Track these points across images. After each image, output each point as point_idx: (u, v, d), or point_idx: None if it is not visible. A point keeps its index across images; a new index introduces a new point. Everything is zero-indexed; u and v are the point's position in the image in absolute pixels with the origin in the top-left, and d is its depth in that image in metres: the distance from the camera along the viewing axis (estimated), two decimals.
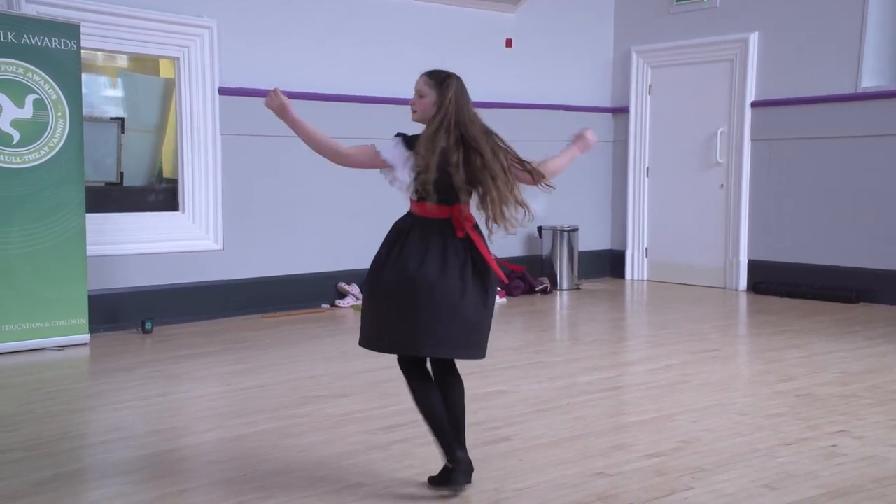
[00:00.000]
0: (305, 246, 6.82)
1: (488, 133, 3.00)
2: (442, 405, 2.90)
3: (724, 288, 7.76)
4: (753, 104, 7.58)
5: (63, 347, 5.34)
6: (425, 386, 2.94)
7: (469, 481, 2.89)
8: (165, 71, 6.90)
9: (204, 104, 6.29)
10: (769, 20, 7.48)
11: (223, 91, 6.36)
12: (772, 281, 7.44)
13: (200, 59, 6.26)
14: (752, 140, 7.61)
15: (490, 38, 7.77)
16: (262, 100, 7.05)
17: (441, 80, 2.93)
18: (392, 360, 3.04)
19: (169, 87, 6.73)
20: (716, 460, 3.22)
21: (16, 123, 5.19)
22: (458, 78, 2.98)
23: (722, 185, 7.81)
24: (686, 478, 3.04)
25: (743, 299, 7.28)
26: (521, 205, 2.96)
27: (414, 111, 2.97)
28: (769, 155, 7.55)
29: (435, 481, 2.93)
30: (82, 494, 2.99)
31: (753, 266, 7.64)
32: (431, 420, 2.89)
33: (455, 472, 2.85)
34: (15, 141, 5.19)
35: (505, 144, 3.04)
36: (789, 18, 7.36)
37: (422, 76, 2.97)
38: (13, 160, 5.19)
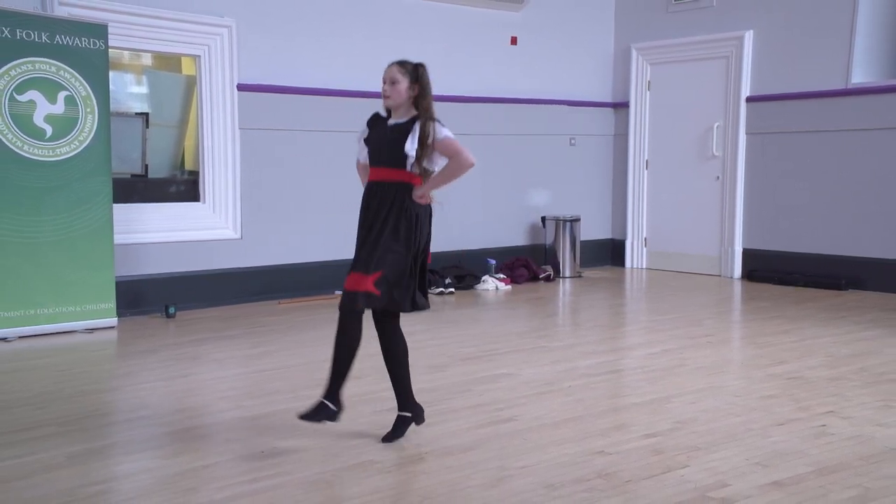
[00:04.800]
0: (319, 235, 6.82)
1: None
2: None
3: (720, 276, 7.73)
4: (748, 99, 7.52)
5: (92, 330, 5.37)
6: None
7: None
8: (187, 68, 6.89)
9: (223, 100, 6.29)
10: (763, 18, 7.41)
11: (242, 87, 6.36)
12: (765, 269, 7.41)
13: (220, 56, 6.25)
14: (747, 133, 7.56)
15: (496, 35, 7.73)
16: (278, 95, 7.07)
17: (414, 68, 3.14)
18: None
19: (191, 84, 6.73)
20: (710, 440, 3.21)
21: (49, 119, 5.21)
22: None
23: (718, 177, 7.77)
24: (682, 456, 3.04)
25: (737, 287, 7.26)
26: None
27: (387, 97, 3.13)
28: (763, 148, 7.49)
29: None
30: (112, 468, 3.01)
31: (748, 255, 7.61)
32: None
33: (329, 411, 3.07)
34: (48, 135, 5.21)
35: None
36: (783, 17, 7.30)
37: (393, 65, 3.14)
38: (46, 153, 5.21)
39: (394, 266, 3.07)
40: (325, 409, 3.07)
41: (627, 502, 2.64)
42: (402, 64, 3.13)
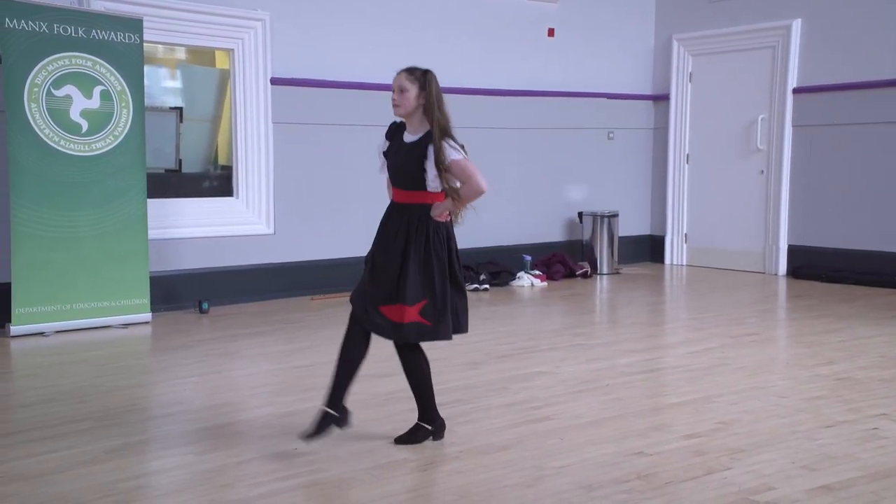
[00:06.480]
0: (353, 230, 6.86)
1: None
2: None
3: (764, 273, 7.60)
4: (795, 90, 7.38)
5: (127, 325, 5.48)
6: None
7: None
8: (221, 62, 6.98)
9: (257, 94, 6.36)
10: (812, 6, 7.26)
11: (275, 81, 6.42)
12: (812, 266, 7.26)
13: (254, 50, 6.32)
14: (794, 126, 7.42)
15: (533, 27, 7.69)
16: (312, 89, 7.13)
17: (422, 75, 3.09)
18: (433, 344, 3.11)
19: (224, 78, 6.81)
20: (754, 441, 3.16)
21: (85, 113, 5.32)
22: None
23: (762, 172, 7.64)
24: (724, 458, 3.00)
25: (782, 284, 7.13)
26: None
27: (397, 106, 3.09)
28: (810, 141, 7.35)
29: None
30: (149, 463, 3.07)
31: (793, 251, 7.47)
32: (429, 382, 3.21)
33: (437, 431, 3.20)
34: (84, 130, 5.32)
35: None
36: (832, 4, 7.14)
37: (401, 72, 3.10)
38: (82, 148, 5.32)
39: (435, 292, 3.03)
40: (423, 430, 3.19)
41: None
42: (410, 71, 3.09)
